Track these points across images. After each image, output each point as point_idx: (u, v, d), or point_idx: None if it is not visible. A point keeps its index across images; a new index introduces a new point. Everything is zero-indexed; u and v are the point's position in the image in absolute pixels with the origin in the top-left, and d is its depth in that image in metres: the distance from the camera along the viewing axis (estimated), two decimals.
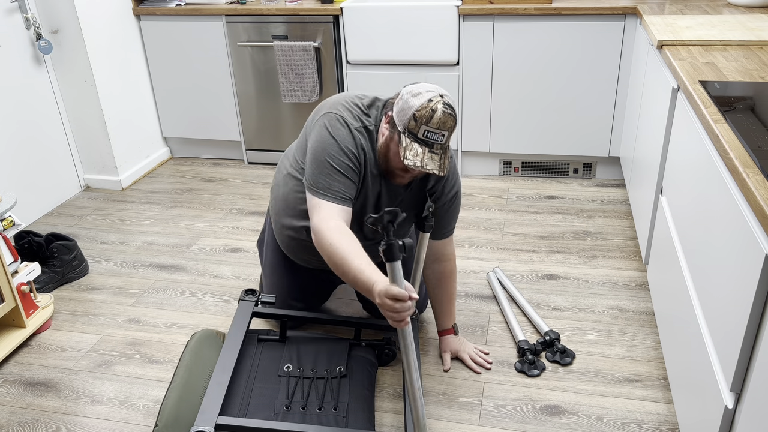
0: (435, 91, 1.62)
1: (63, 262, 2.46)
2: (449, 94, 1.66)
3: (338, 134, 1.69)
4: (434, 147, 1.61)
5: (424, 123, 1.59)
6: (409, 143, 1.60)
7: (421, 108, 1.58)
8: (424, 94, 1.60)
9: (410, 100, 1.61)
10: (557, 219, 2.83)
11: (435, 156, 1.61)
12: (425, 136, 1.60)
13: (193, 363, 1.82)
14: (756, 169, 1.20)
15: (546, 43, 2.92)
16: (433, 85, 1.66)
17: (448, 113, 1.60)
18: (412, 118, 1.59)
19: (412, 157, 1.59)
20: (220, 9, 3.17)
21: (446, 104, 1.60)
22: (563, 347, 2.01)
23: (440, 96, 1.61)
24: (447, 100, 1.61)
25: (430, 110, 1.58)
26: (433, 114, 1.58)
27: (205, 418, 1.53)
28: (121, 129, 3.28)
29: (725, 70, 1.83)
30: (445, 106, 1.60)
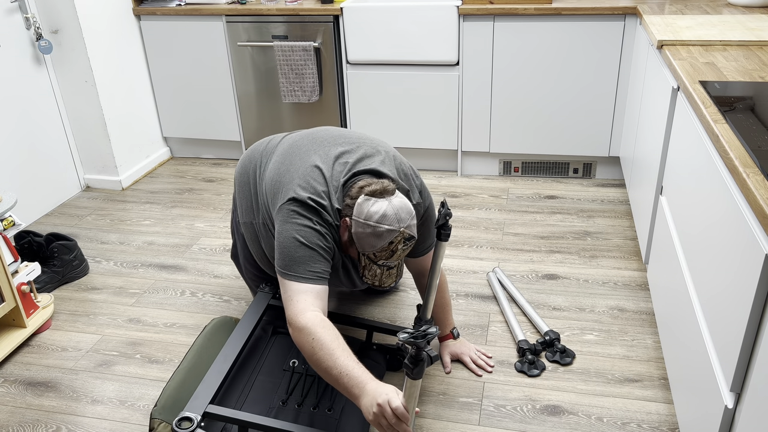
0: (396, 227, 1.55)
1: (63, 262, 2.46)
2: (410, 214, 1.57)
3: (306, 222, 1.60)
4: (391, 266, 1.63)
5: (384, 259, 1.60)
6: (368, 264, 1.62)
7: (381, 250, 1.58)
8: (384, 236, 1.55)
9: (370, 239, 1.55)
10: (557, 219, 2.83)
11: (392, 271, 1.64)
12: (383, 264, 1.62)
13: (204, 348, 1.84)
14: (756, 169, 1.20)
15: (546, 43, 2.92)
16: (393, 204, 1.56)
17: (407, 247, 1.60)
18: (372, 254, 1.59)
19: (371, 277, 1.63)
20: (220, 9, 3.17)
21: (406, 240, 1.58)
22: (563, 347, 2.01)
23: (400, 233, 1.56)
24: (408, 233, 1.57)
25: (390, 251, 1.58)
26: (393, 254, 1.59)
27: (195, 405, 1.53)
28: (121, 129, 3.28)
29: (725, 70, 1.83)
30: (405, 243, 1.58)
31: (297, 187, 1.64)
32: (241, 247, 2.04)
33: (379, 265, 1.62)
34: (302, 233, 1.59)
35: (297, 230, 1.59)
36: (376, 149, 1.74)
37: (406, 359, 1.35)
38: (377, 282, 1.64)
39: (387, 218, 1.55)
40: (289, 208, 1.62)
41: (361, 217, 1.56)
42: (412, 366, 1.34)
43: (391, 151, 1.78)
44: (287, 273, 1.58)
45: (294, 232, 1.59)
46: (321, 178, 1.65)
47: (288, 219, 1.61)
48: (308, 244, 1.58)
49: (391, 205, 1.57)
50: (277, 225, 1.65)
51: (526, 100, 3.07)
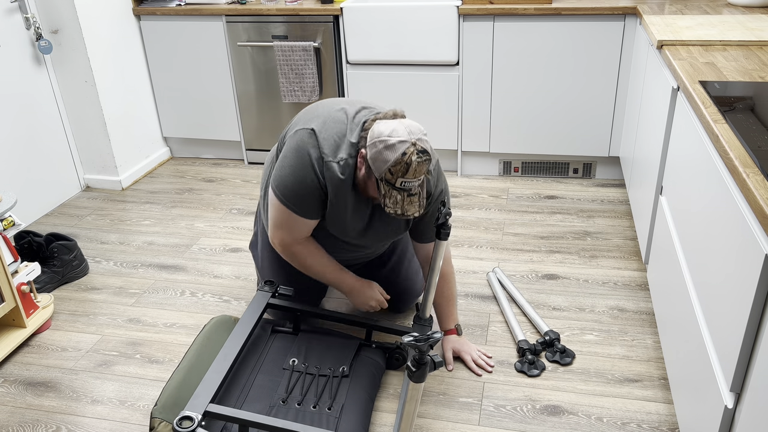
0: (407, 138, 1.60)
1: (63, 262, 2.46)
2: (421, 130, 1.63)
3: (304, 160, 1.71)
4: (412, 191, 1.63)
5: (400, 176, 1.60)
6: (388, 191, 1.63)
7: (396, 163, 1.59)
8: (397, 147, 1.58)
9: (384, 153, 1.60)
10: (557, 219, 2.83)
11: (414, 198, 1.64)
12: (402, 186, 1.61)
13: (204, 347, 1.84)
14: (756, 169, 1.20)
15: (546, 43, 2.92)
16: (402, 122, 1.63)
17: (423, 160, 1.60)
18: (388, 171, 1.60)
19: (392, 205, 1.63)
20: (220, 9, 3.17)
21: (420, 151, 1.60)
22: (563, 347, 2.01)
23: (413, 144, 1.59)
24: (421, 146, 1.60)
25: (404, 164, 1.59)
26: (408, 167, 1.59)
27: (195, 404, 1.53)
28: (121, 129, 3.28)
29: (725, 70, 1.83)
30: (419, 155, 1.59)
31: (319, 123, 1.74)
32: (262, 233, 2.10)
33: (398, 189, 1.62)
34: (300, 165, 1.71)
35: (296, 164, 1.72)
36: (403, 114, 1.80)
37: (409, 362, 1.35)
38: (399, 210, 1.63)
39: (397, 131, 1.61)
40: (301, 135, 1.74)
41: (373, 138, 1.62)
42: (415, 369, 1.34)
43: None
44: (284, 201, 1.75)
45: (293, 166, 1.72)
46: (343, 116, 1.75)
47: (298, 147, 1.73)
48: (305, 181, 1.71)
49: (401, 122, 1.63)
50: (285, 145, 1.77)
51: (526, 100, 3.07)
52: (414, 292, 2.18)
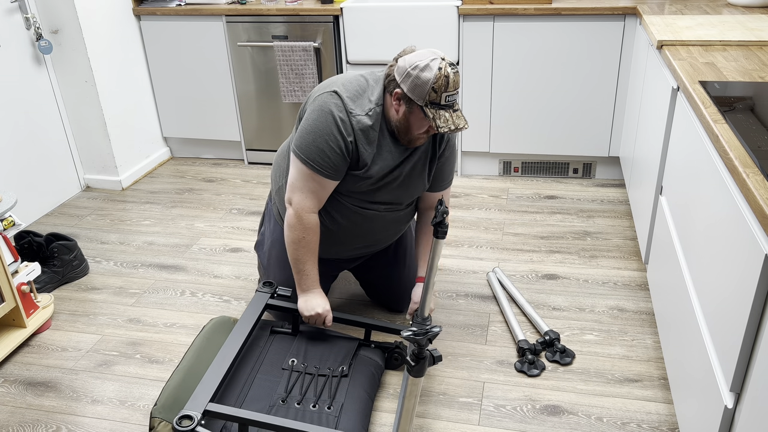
0: (435, 56, 1.68)
1: (63, 262, 2.46)
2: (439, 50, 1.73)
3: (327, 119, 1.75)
4: (455, 105, 1.71)
5: (443, 91, 1.67)
6: (436, 112, 1.68)
7: (436, 79, 1.66)
8: (431, 66, 1.66)
9: (421, 75, 1.66)
10: (557, 219, 2.83)
11: (459, 113, 1.72)
12: (447, 101, 1.69)
13: (203, 348, 1.84)
14: (756, 169, 1.20)
15: (546, 43, 2.92)
16: (424, 49, 1.72)
17: (456, 71, 1.69)
18: (432, 91, 1.67)
19: (444, 124, 1.68)
20: (220, 9, 3.17)
21: (451, 64, 1.69)
22: (563, 347, 2.01)
23: (442, 59, 1.67)
24: (448, 59, 1.69)
25: (444, 78, 1.66)
26: (448, 80, 1.67)
27: (195, 404, 1.54)
28: (121, 129, 3.28)
29: (725, 70, 1.83)
30: (452, 67, 1.68)
31: (340, 86, 1.79)
32: (270, 233, 2.11)
33: (444, 106, 1.69)
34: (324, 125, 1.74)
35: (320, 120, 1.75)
36: None
37: (408, 356, 1.35)
38: (453, 125, 1.68)
39: (423, 54, 1.68)
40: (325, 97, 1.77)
41: (405, 71, 1.68)
42: (414, 364, 1.34)
43: None
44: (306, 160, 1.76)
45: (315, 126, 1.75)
46: (362, 80, 1.82)
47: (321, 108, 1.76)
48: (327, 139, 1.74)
49: (420, 50, 1.72)
50: (308, 110, 1.80)
51: (526, 100, 3.07)
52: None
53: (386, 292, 2.18)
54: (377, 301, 2.26)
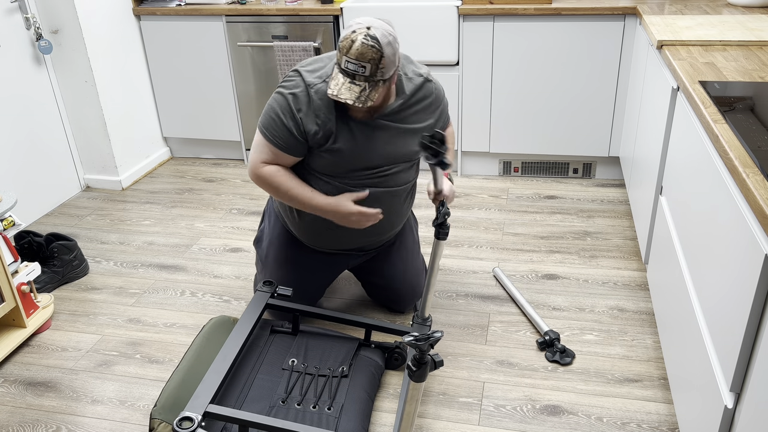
0: (365, 23, 1.66)
1: (63, 262, 2.46)
2: (387, 29, 1.67)
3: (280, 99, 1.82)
4: (356, 78, 1.67)
5: (344, 54, 1.66)
6: (336, 73, 1.70)
7: (344, 39, 1.67)
8: (352, 26, 1.67)
9: (342, 33, 1.69)
10: (557, 219, 2.83)
11: (355, 87, 1.67)
12: (346, 67, 1.67)
13: (203, 348, 1.84)
14: (756, 169, 1.20)
15: (546, 43, 2.92)
16: (375, 19, 1.70)
17: (368, 44, 1.64)
18: (338, 50, 1.68)
19: (333, 87, 1.69)
20: (220, 9, 3.17)
21: (369, 36, 1.65)
22: (563, 347, 2.01)
23: (366, 28, 1.65)
24: (373, 33, 1.65)
25: (350, 41, 1.65)
26: (352, 45, 1.64)
27: (195, 405, 1.53)
28: (121, 129, 3.28)
29: (725, 70, 1.83)
30: (366, 38, 1.64)
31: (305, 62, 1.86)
32: (269, 228, 2.13)
33: (342, 71, 1.68)
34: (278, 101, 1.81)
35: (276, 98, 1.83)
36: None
37: (410, 361, 1.35)
38: (336, 91, 1.68)
39: (359, 19, 1.70)
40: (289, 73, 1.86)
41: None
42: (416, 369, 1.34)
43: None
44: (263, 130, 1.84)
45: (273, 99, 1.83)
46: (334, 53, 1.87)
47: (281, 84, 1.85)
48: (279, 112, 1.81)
49: (373, 18, 1.71)
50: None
51: (526, 100, 3.07)
52: (418, 290, 2.18)
53: (387, 293, 2.18)
54: (378, 302, 2.26)
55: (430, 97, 1.91)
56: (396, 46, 1.70)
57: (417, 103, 1.89)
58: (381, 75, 1.68)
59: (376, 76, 1.67)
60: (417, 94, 1.88)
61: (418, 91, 1.88)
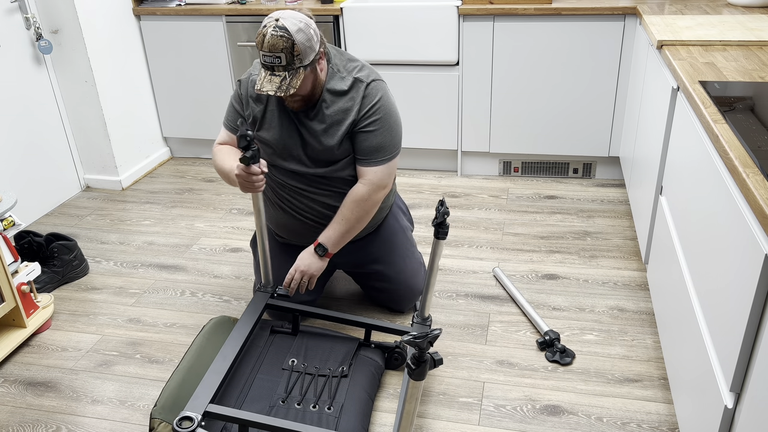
0: (275, 15, 1.70)
1: (63, 262, 2.46)
2: (298, 18, 1.70)
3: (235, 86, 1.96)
4: (275, 69, 1.71)
5: (259, 48, 1.71)
6: (259, 69, 1.79)
7: (257, 35, 1.71)
8: (264, 21, 1.71)
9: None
10: (557, 219, 2.83)
11: (275, 78, 1.71)
12: (264, 61, 1.72)
13: (203, 348, 1.84)
14: (756, 169, 1.20)
15: (546, 43, 2.92)
16: (288, 10, 1.74)
17: (278, 35, 1.67)
18: (256, 45, 1.72)
19: (258, 82, 1.74)
20: (220, 9, 3.17)
21: (278, 27, 1.68)
22: (563, 347, 2.01)
23: (275, 20, 1.69)
24: (282, 23, 1.68)
25: (261, 36, 1.69)
26: (264, 39, 1.69)
27: (195, 405, 1.54)
28: (121, 129, 3.28)
29: (725, 70, 1.83)
30: (276, 29, 1.67)
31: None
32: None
33: (263, 65, 1.73)
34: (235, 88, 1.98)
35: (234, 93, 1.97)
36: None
37: (409, 360, 1.35)
38: (259, 85, 1.71)
39: (273, 13, 1.73)
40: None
41: None
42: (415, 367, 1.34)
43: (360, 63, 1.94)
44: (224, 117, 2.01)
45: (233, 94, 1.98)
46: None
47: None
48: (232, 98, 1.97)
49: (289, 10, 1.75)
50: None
51: (526, 100, 3.07)
52: (416, 290, 2.18)
53: (385, 294, 2.18)
54: (377, 303, 2.26)
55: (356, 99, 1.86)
56: (310, 32, 1.72)
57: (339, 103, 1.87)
58: (299, 62, 1.71)
59: (294, 64, 1.71)
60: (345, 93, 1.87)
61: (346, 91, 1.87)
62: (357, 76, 1.87)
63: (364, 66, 1.91)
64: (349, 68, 1.89)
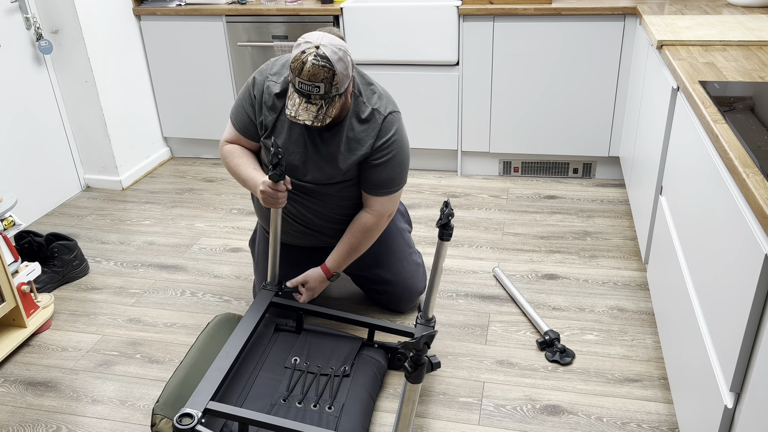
0: (314, 41, 1.65)
1: (63, 262, 2.46)
2: (336, 45, 1.66)
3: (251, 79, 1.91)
4: (311, 98, 1.67)
5: (297, 75, 1.65)
6: (291, 93, 1.70)
7: (294, 60, 1.66)
8: (301, 46, 1.66)
9: (293, 50, 1.68)
10: (557, 219, 2.83)
11: (312, 107, 1.68)
12: (300, 88, 1.67)
13: (206, 345, 1.85)
14: (756, 169, 1.20)
15: (546, 43, 2.92)
16: (323, 34, 1.68)
17: (320, 65, 1.63)
18: (291, 70, 1.67)
19: (291, 107, 1.70)
20: (220, 9, 3.18)
21: (318, 56, 1.63)
22: (563, 347, 2.01)
23: (315, 47, 1.64)
24: (322, 51, 1.63)
25: (300, 62, 1.64)
26: (303, 66, 1.64)
27: (196, 401, 1.54)
28: (121, 129, 3.28)
29: (725, 70, 1.83)
30: (317, 58, 1.63)
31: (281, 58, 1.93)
32: (261, 229, 2.15)
33: (298, 91, 1.68)
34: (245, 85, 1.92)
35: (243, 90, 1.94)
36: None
37: (406, 363, 1.35)
38: (293, 113, 1.68)
39: (311, 36, 1.68)
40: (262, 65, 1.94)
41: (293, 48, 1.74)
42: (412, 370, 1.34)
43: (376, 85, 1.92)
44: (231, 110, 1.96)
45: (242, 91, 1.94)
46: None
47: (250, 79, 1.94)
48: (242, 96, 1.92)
49: (322, 33, 1.70)
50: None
51: (526, 100, 3.07)
52: (414, 290, 2.19)
53: (385, 296, 2.19)
54: (378, 304, 2.26)
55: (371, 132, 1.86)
56: (347, 60, 1.68)
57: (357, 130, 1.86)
58: (336, 90, 1.68)
59: (331, 93, 1.67)
60: (364, 122, 1.86)
61: (365, 120, 1.85)
62: (375, 108, 1.85)
63: (381, 94, 1.89)
64: (368, 94, 1.87)
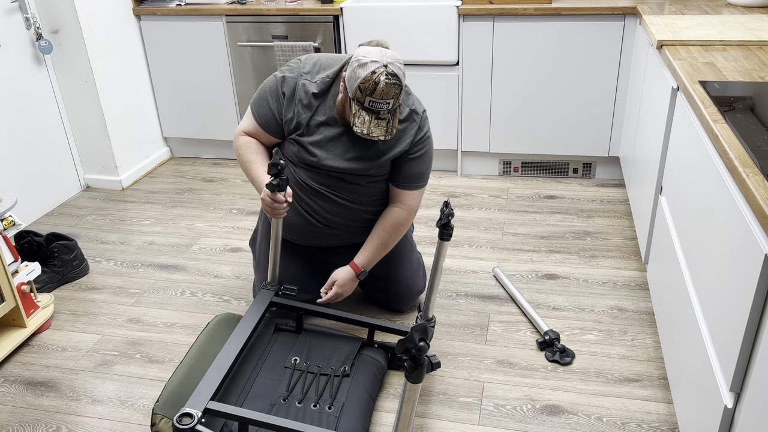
0: (380, 60, 1.70)
1: (63, 261, 2.46)
2: (397, 59, 1.74)
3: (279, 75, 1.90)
4: (381, 114, 1.72)
5: (368, 94, 1.69)
6: (358, 111, 1.73)
7: (365, 80, 1.68)
8: (368, 66, 1.69)
9: (357, 70, 1.70)
10: (557, 219, 2.83)
11: (382, 122, 1.73)
12: (371, 106, 1.71)
13: (207, 344, 1.85)
14: (755, 169, 1.20)
15: (546, 43, 2.92)
16: (382, 50, 1.73)
17: (392, 83, 1.68)
18: (358, 90, 1.70)
19: (360, 125, 1.72)
20: (220, 9, 3.18)
21: (389, 74, 1.68)
22: (563, 347, 2.01)
23: (384, 66, 1.69)
24: (391, 69, 1.69)
25: (373, 83, 1.68)
26: (376, 86, 1.68)
27: (196, 401, 1.54)
28: (121, 129, 3.29)
29: (725, 70, 1.83)
30: (388, 77, 1.68)
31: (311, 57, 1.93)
32: (262, 228, 2.15)
33: (366, 109, 1.72)
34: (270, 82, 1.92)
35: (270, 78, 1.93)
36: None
37: (406, 363, 1.35)
38: (366, 130, 1.71)
39: (372, 53, 1.71)
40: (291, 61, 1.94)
41: (352, 61, 1.73)
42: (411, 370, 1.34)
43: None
44: (252, 102, 1.94)
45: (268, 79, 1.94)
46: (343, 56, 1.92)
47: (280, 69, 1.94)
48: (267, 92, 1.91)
49: (380, 49, 1.73)
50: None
51: (526, 100, 3.07)
52: (414, 290, 2.19)
53: (385, 294, 2.19)
54: (378, 303, 2.26)
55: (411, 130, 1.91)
56: (404, 72, 1.76)
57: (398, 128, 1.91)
58: (399, 103, 1.76)
59: (396, 106, 1.75)
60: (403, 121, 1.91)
61: (403, 120, 1.91)
62: (413, 108, 1.91)
63: (410, 93, 1.95)
64: (403, 96, 1.92)
